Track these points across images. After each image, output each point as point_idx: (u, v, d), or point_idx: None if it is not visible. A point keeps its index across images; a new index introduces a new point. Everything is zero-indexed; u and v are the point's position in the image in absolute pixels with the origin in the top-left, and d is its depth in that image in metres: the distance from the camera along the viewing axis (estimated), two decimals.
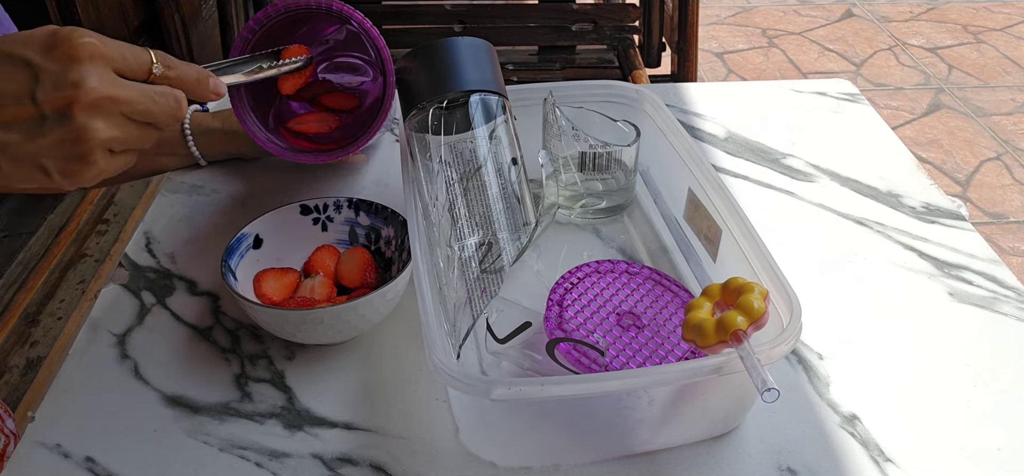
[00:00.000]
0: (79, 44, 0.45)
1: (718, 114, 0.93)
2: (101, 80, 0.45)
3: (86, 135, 0.45)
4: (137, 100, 0.47)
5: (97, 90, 0.45)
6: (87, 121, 0.45)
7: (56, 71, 0.44)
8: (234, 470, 0.54)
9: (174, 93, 0.49)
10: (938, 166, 2.13)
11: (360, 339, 0.63)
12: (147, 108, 0.47)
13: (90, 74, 0.45)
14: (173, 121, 0.49)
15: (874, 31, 2.80)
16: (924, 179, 0.83)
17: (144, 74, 0.48)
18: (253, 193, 0.79)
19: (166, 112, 0.48)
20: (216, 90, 0.53)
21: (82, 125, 0.45)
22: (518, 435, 0.55)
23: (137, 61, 0.48)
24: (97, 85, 0.45)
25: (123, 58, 0.47)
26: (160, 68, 0.49)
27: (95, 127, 0.45)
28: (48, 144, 0.45)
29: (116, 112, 0.46)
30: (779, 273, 0.54)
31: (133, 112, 0.47)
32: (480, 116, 0.62)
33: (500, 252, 0.58)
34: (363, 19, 0.65)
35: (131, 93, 0.46)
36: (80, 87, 0.44)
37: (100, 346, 0.63)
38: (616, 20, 1.50)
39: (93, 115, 0.45)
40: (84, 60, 0.45)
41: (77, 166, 0.46)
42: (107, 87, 0.45)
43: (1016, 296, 0.68)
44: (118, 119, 0.46)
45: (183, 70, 0.51)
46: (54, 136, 0.45)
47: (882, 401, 0.59)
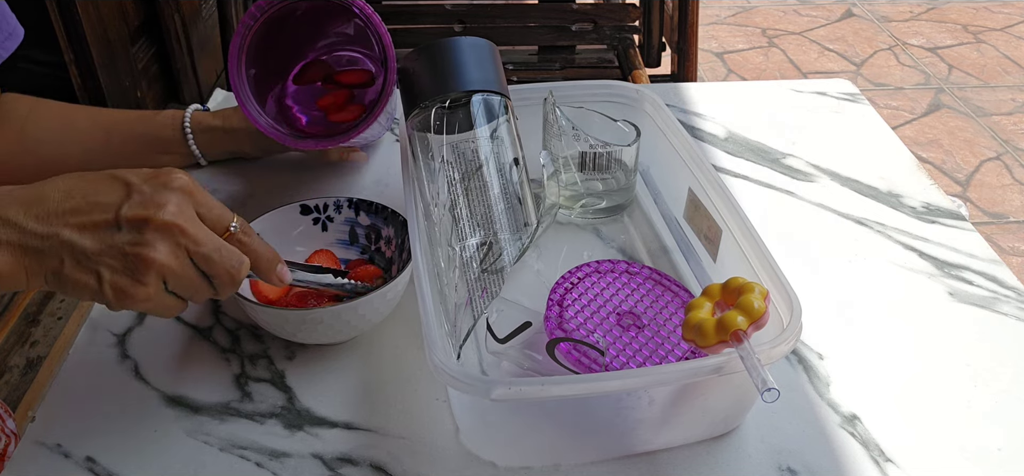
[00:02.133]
0: (175, 176, 0.49)
1: (718, 114, 0.93)
2: (180, 210, 0.47)
3: (148, 252, 0.46)
4: (205, 242, 0.48)
5: (174, 216, 0.47)
6: (155, 239, 0.46)
7: (147, 192, 0.47)
8: (234, 470, 0.54)
9: (240, 256, 0.50)
10: (938, 166, 2.13)
11: (360, 339, 0.63)
12: (210, 256, 0.49)
13: (173, 200, 0.47)
14: (229, 282, 0.50)
15: (874, 31, 2.80)
16: (924, 179, 0.83)
17: (221, 229, 0.50)
18: (253, 193, 0.79)
19: (226, 268, 0.49)
20: (281, 276, 0.54)
21: (148, 241, 0.46)
22: (518, 435, 0.55)
23: (220, 214, 0.50)
24: (175, 211, 0.47)
25: (208, 206, 0.50)
26: (238, 228, 0.51)
27: (158, 247, 0.47)
28: (112, 251, 0.46)
29: (182, 245, 0.47)
30: (779, 273, 0.54)
31: (197, 254, 0.48)
32: (482, 116, 0.62)
33: (501, 252, 0.58)
34: (364, 5, 0.64)
35: (202, 234, 0.48)
36: (161, 208, 0.47)
37: (100, 346, 0.63)
38: (616, 20, 1.50)
39: (161, 236, 0.47)
40: (174, 189, 0.48)
41: (129, 282, 0.47)
42: (183, 218, 0.47)
43: (1016, 296, 0.68)
44: (181, 253, 0.48)
45: (258, 243, 0.53)
46: (120, 245, 0.46)
47: (882, 401, 0.59)
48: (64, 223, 0.46)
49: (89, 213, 0.47)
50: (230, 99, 0.95)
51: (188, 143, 0.78)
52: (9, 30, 0.69)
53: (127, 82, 1.79)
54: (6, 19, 0.69)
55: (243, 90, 0.67)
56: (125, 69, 1.79)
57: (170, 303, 0.49)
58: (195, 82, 2.04)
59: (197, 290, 0.50)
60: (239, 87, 0.67)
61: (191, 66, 2.02)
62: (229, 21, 1.45)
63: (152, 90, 1.93)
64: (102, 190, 0.47)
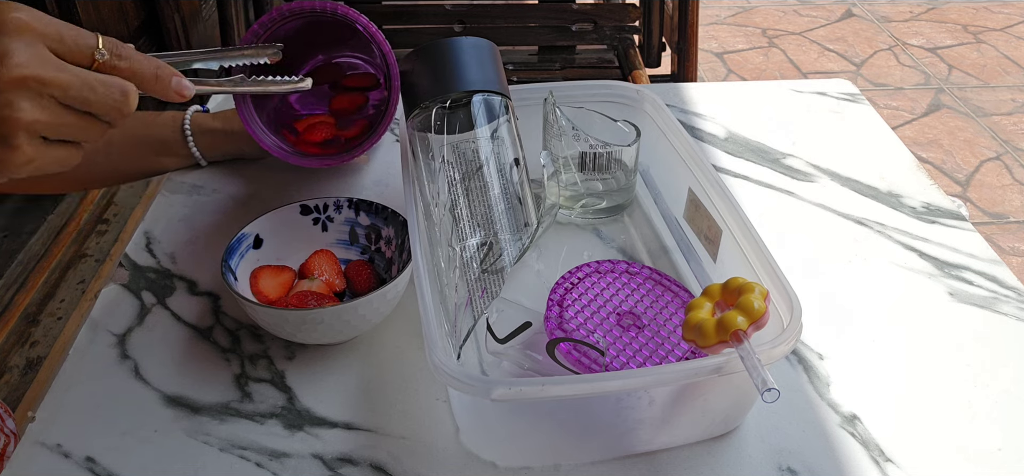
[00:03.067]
0: (7, 18, 0.42)
1: (718, 114, 0.93)
2: (29, 56, 0.41)
3: (7, 113, 0.41)
4: (72, 84, 0.43)
5: (23, 67, 0.41)
6: (10, 99, 0.41)
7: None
8: (234, 470, 0.54)
9: (121, 84, 0.45)
10: (938, 166, 2.13)
11: (360, 339, 0.63)
12: (84, 95, 0.43)
13: (16, 49, 0.41)
14: (117, 115, 0.45)
15: (874, 31, 2.80)
16: (924, 179, 0.83)
17: (86, 60, 0.44)
18: (253, 193, 0.79)
19: (107, 103, 0.44)
20: (179, 89, 0.48)
21: (4, 102, 0.41)
22: (518, 435, 0.55)
23: (78, 44, 0.44)
24: (24, 61, 0.41)
25: (60, 38, 0.43)
26: (106, 54, 0.45)
27: (19, 106, 0.41)
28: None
29: (45, 94, 0.42)
30: (779, 273, 0.54)
31: (67, 98, 0.43)
32: (483, 116, 0.62)
33: (501, 252, 0.58)
34: (368, 23, 0.64)
35: (65, 77, 0.43)
36: (3, 61, 0.41)
37: (100, 346, 0.63)
38: (616, 20, 1.50)
39: (17, 93, 0.41)
40: (11, 33, 0.41)
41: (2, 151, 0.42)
42: (36, 66, 0.42)
43: (1016, 296, 0.68)
44: (48, 102, 0.42)
45: (138, 62, 0.46)
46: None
47: (882, 401, 0.59)
48: None
49: None
50: (229, 100, 0.95)
51: (188, 145, 0.78)
52: None
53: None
54: None
55: (248, 110, 0.68)
56: None
57: (59, 154, 0.44)
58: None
59: (84, 131, 0.44)
60: (243, 107, 0.67)
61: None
62: (229, 21, 1.45)
63: None
64: None
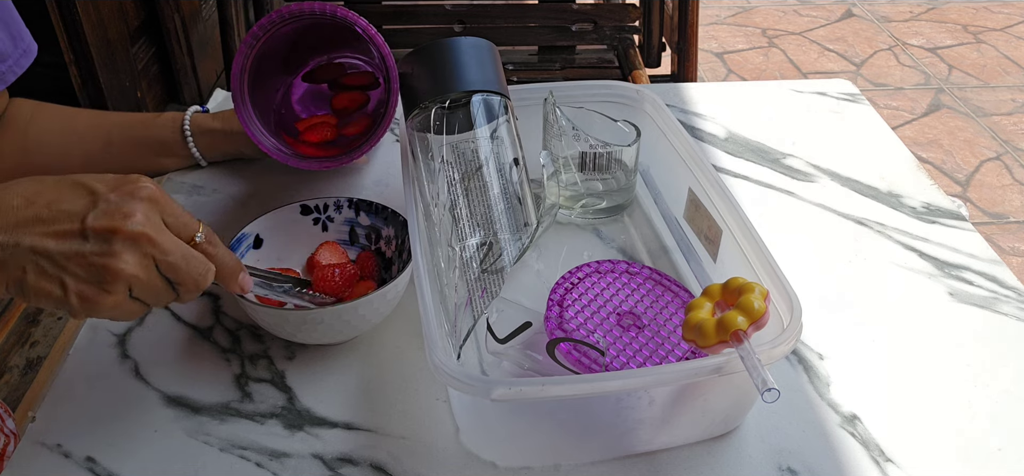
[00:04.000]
0: (141, 185, 0.48)
1: (718, 114, 0.93)
2: (148, 220, 0.47)
3: (116, 263, 0.46)
4: (172, 251, 0.48)
5: (142, 225, 0.46)
6: (123, 249, 0.46)
7: (114, 201, 0.46)
8: (234, 470, 0.54)
9: (206, 264, 0.50)
10: (938, 166, 2.13)
11: (360, 339, 0.63)
12: (177, 264, 0.48)
13: (141, 210, 0.47)
14: (194, 289, 0.50)
15: (874, 31, 2.80)
16: (924, 179, 0.83)
17: (188, 237, 0.50)
18: (253, 193, 0.79)
19: (192, 277, 0.49)
20: (243, 285, 0.54)
21: (118, 252, 0.46)
22: (518, 435, 0.55)
23: (186, 223, 0.50)
24: (143, 221, 0.46)
25: (175, 215, 0.49)
26: (202, 238, 0.50)
27: (127, 258, 0.46)
28: (78, 261, 0.45)
29: (150, 254, 0.47)
30: (779, 273, 0.54)
31: (164, 263, 0.48)
32: (482, 116, 0.62)
33: (501, 252, 0.58)
34: (367, 26, 0.64)
35: (169, 243, 0.48)
36: (129, 218, 0.46)
37: (100, 346, 0.63)
38: (616, 20, 1.50)
39: (129, 247, 0.46)
40: (142, 199, 0.47)
41: (95, 291, 0.46)
42: (151, 228, 0.47)
43: (1016, 296, 0.68)
44: (148, 263, 0.47)
45: (222, 252, 0.52)
46: (87, 255, 0.45)
47: (882, 401, 0.59)
48: (28, 231, 0.45)
49: (54, 222, 0.46)
50: (230, 100, 0.95)
51: (188, 145, 0.78)
52: (24, 47, 0.70)
53: (127, 82, 1.79)
54: (22, 36, 0.69)
55: (247, 113, 0.68)
56: (125, 69, 1.79)
57: (134, 309, 0.49)
58: (195, 82, 2.04)
59: (160, 296, 0.49)
60: (243, 110, 0.67)
61: (191, 66, 2.02)
62: (229, 21, 1.45)
63: (152, 90, 1.93)
64: (66, 198, 0.46)
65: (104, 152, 0.76)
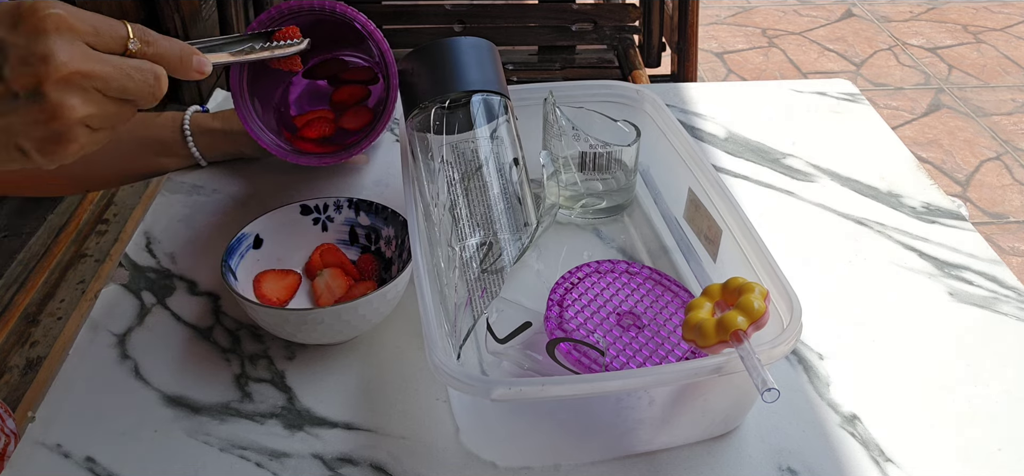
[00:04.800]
0: (45, 15, 0.43)
1: (718, 114, 0.93)
2: (71, 54, 0.43)
3: (62, 112, 0.43)
4: (112, 76, 0.45)
5: (67, 64, 0.43)
6: (61, 98, 0.43)
7: (23, 45, 0.42)
8: (234, 470, 0.54)
9: (153, 69, 0.47)
10: (938, 166, 2.13)
11: (360, 339, 0.63)
12: (122, 84, 0.45)
13: (59, 48, 0.42)
14: (151, 98, 0.47)
15: (874, 31, 2.80)
16: (924, 179, 0.83)
17: (119, 48, 0.46)
18: (253, 193, 0.79)
19: (143, 88, 0.46)
20: (200, 67, 0.50)
21: (56, 102, 0.43)
22: (518, 435, 0.55)
23: (111, 34, 0.45)
24: (67, 59, 0.43)
25: (95, 31, 0.45)
26: (137, 43, 0.46)
27: (70, 104, 0.43)
28: (23, 123, 0.43)
29: (90, 87, 0.44)
30: (779, 273, 0.54)
31: (108, 88, 0.45)
32: (482, 116, 0.62)
33: (501, 252, 0.58)
34: (367, 22, 0.64)
35: (105, 68, 0.44)
36: (49, 62, 0.42)
37: (100, 346, 0.63)
38: (616, 20, 1.50)
39: (66, 91, 0.43)
40: (51, 32, 0.42)
41: (56, 146, 0.44)
42: (78, 61, 0.43)
43: (1016, 296, 0.68)
44: (93, 95, 0.44)
45: (164, 46, 0.48)
46: (28, 115, 0.43)
47: (882, 401, 0.59)
48: None
49: None
50: (230, 99, 0.95)
51: (188, 145, 0.78)
52: None
53: None
54: None
55: (246, 109, 0.68)
56: None
57: (101, 137, 0.47)
58: (195, 82, 2.05)
59: (122, 116, 0.47)
60: (242, 106, 0.67)
61: None
62: (229, 21, 1.45)
63: None
64: None
65: (104, 151, 0.76)
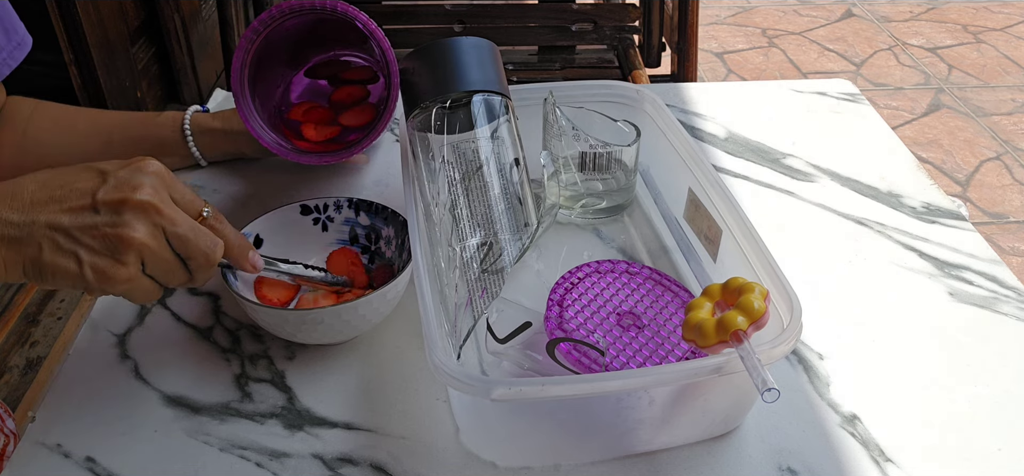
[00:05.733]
0: (148, 162, 0.50)
1: (718, 114, 0.93)
2: (156, 191, 0.49)
3: (127, 231, 0.47)
4: (181, 222, 0.50)
5: (150, 197, 0.48)
6: (132, 219, 0.48)
7: (122, 176, 0.49)
8: (234, 470, 0.54)
9: (214, 238, 0.52)
10: (938, 166, 2.13)
11: (360, 339, 0.63)
12: (187, 235, 0.50)
13: (148, 183, 0.49)
14: (205, 263, 0.51)
15: (874, 31, 2.80)
16: (924, 179, 0.83)
17: (194, 214, 0.52)
18: (253, 193, 0.79)
19: (202, 249, 0.51)
20: (254, 263, 0.56)
21: (127, 221, 0.48)
22: (518, 435, 0.55)
23: (191, 200, 0.52)
24: (151, 193, 0.48)
25: (181, 192, 0.51)
26: (209, 214, 0.53)
27: (137, 227, 0.48)
28: (91, 232, 0.47)
29: (159, 224, 0.49)
30: (779, 273, 0.54)
31: (173, 233, 0.49)
32: (483, 116, 0.62)
33: (501, 252, 0.58)
34: (368, 21, 0.64)
35: (177, 214, 0.50)
36: (137, 189, 0.48)
37: (100, 346, 0.63)
38: (616, 20, 1.50)
39: (138, 216, 0.48)
40: (149, 173, 0.49)
41: (109, 263, 0.48)
42: (158, 198, 0.49)
43: (1016, 296, 0.68)
44: (158, 233, 0.49)
45: (230, 230, 0.54)
46: (99, 226, 0.47)
47: (882, 401, 0.59)
48: (42, 210, 0.47)
49: (67, 200, 0.48)
50: (230, 99, 0.95)
51: (188, 145, 0.78)
52: (18, 39, 0.70)
53: (127, 82, 1.79)
54: (15, 28, 0.69)
55: (247, 107, 0.68)
56: (125, 69, 1.79)
57: (147, 286, 0.50)
58: (195, 82, 2.04)
59: (173, 272, 0.51)
60: (243, 104, 0.67)
61: (191, 66, 2.02)
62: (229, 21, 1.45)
63: (152, 90, 1.93)
64: (79, 178, 0.49)
65: (104, 151, 0.76)
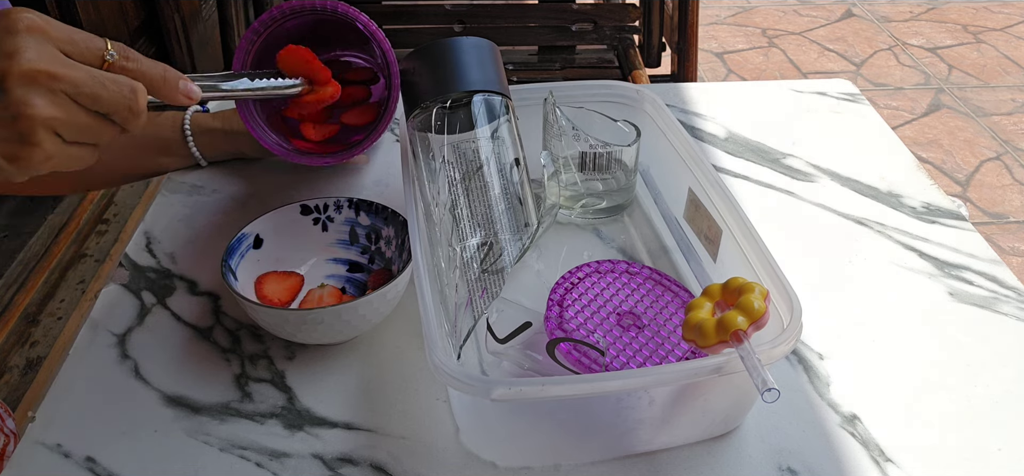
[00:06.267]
0: (18, 17, 0.43)
1: (718, 114, 0.93)
2: (40, 53, 0.42)
3: (24, 110, 0.42)
4: (82, 81, 0.44)
5: (33, 62, 0.42)
6: (24, 95, 0.42)
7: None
8: (234, 470, 0.54)
9: (130, 82, 0.46)
10: (938, 166, 2.13)
11: (360, 339, 0.63)
12: (95, 92, 0.44)
13: (27, 45, 0.42)
14: (127, 113, 0.46)
15: (874, 31, 2.80)
16: (924, 179, 0.83)
17: (96, 61, 0.45)
18: (253, 193, 0.79)
19: (118, 100, 0.45)
20: (187, 91, 0.50)
21: (19, 99, 0.42)
22: (518, 435, 0.55)
23: (87, 46, 0.45)
24: (34, 57, 0.42)
25: (70, 40, 0.44)
26: (115, 56, 0.46)
27: (33, 102, 0.42)
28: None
29: (58, 91, 0.43)
30: (779, 273, 0.54)
31: (78, 94, 0.44)
32: (483, 116, 0.62)
33: (501, 253, 0.58)
34: (369, 22, 0.64)
35: (76, 73, 0.43)
36: (14, 57, 0.42)
37: (100, 346, 0.63)
38: (616, 20, 1.50)
39: (30, 89, 0.42)
40: (21, 32, 0.42)
41: (21, 148, 0.43)
42: (46, 62, 0.42)
43: (1016, 296, 0.68)
44: (62, 100, 0.43)
45: (146, 64, 0.48)
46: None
47: (882, 401, 0.59)
48: None
49: None
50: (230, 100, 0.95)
51: (188, 145, 0.78)
52: None
53: None
54: None
55: (247, 107, 0.68)
56: None
57: (76, 153, 0.45)
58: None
59: (98, 132, 0.45)
60: (243, 104, 0.67)
61: (191, 66, 2.02)
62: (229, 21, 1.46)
63: None
64: None
65: (103, 150, 0.76)
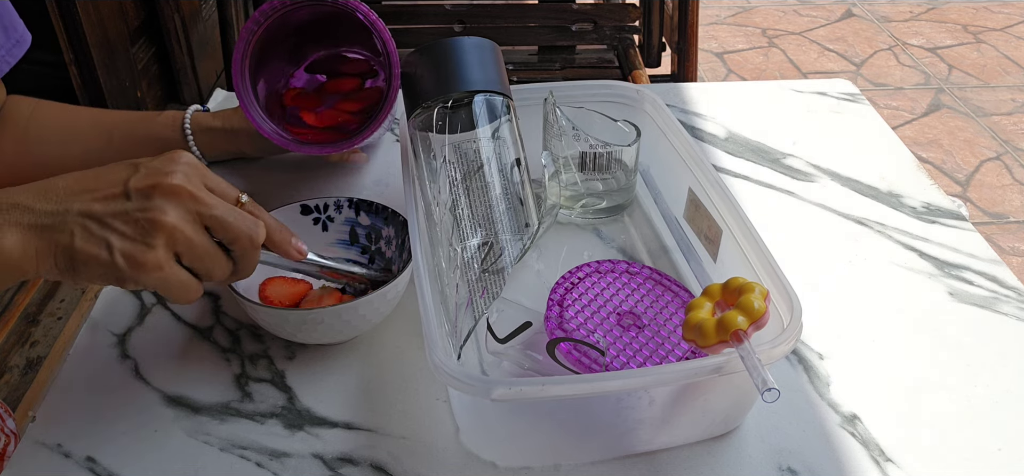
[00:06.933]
0: (181, 152, 0.50)
1: (718, 114, 0.93)
2: (189, 178, 0.48)
3: (156, 214, 0.46)
4: (217, 205, 0.48)
5: (181, 181, 0.48)
6: (162, 203, 0.47)
7: (155, 165, 0.48)
8: (234, 470, 0.54)
9: (256, 220, 0.51)
10: (938, 166, 2.13)
11: (360, 339, 0.63)
12: (225, 218, 0.49)
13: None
14: (249, 245, 0.50)
15: (874, 31, 2.80)
16: (924, 179, 0.83)
17: (231, 200, 0.51)
18: (253, 193, 0.78)
19: (243, 231, 0.49)
20: (299, 248, 0.55)
21: (156, 205, 0.47)
22: (518, 435, 0.55)
23: (228, 187, 0.51)
24: (183, 179, 0.48)
25: (216, 180, 0.50)
26: (247, 200, 0.52)
27: (166, 210, 0.47)
28: (122, 219, 0.47)
29: (193, 210, 0.48)
30: (779, 273, 0.54)
31: (210, 217, 0.48)
32: (484, 116, 0.62)
33: (502, 253, 0.58)
34: (369, 12, 0.64)
35: (212, 199, 0.49)
36: (168, 175, 0.48)
37: (100, 346, 0.63)
38: (616, 20, 1.50)
39: (169, 200, 0.47)
40: (181, 162, 0.49)
41: (140, 248, 0.46)
42: (191, 184, 0.48)
43: (1016, 296, 0.68)
44: (190, 218, 0.48)
45: (269, 217, 0.53)
46: (130, 213, 0.47)
47: (882, 401, 0.59)
48: (75, 199, 0.47)
49: (99, 189, 0.47)
50: (230, 99, 0.95)
51: (188, 144, 0.78)
52: (17, 36, 0.69)
53: (127, 82, 1.80)
54: (14, 26, 0.69)
55: (247, 96, 0.67)
56: (125, 69, 1.79)
57: (185, 278, 0.48)
58: (195, 82, 2.05)
59: (214, 261, 0.49)
60: (243, 93, 0.67)
61: (191, 66, 2.02)
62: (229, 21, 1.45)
63: (152, 90, 1.93)
64: (112, 170, 0.49)
65: (104, 149, 0.76)
